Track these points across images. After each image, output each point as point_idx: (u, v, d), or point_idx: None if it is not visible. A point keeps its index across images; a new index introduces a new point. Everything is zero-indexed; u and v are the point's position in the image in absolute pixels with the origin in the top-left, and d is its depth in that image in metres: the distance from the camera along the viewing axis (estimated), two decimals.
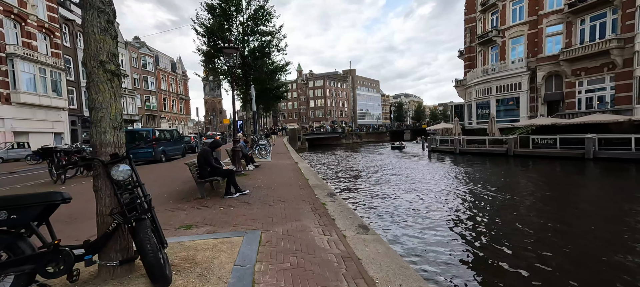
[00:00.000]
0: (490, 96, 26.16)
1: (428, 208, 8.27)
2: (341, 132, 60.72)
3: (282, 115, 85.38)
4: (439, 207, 8.35)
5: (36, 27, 22.28)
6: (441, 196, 9.78)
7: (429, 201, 9.08)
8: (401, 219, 7.15)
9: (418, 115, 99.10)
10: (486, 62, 27.56)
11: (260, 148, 12.66)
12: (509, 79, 24.63)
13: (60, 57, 24.57)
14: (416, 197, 9.61)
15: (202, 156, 5.12)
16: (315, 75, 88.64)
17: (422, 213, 7.74)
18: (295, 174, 8.40)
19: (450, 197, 9.59)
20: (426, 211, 8.01)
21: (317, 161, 25.53)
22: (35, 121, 21.74)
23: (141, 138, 12.43)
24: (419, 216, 7.47)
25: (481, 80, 26.95)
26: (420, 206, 8.47)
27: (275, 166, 10.52)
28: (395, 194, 10.09)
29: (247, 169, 9.04)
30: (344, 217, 4.00)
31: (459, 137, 25.06)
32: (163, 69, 44.43)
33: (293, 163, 11.48)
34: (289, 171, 9.02)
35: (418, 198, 9.52)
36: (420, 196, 9.79)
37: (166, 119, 44.65)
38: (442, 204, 8.73)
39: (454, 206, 8.55)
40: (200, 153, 5.18)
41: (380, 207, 8.23)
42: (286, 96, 25.22)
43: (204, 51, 11.37)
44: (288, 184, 6.70)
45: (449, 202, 9.02)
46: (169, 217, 4.06)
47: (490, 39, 26.06)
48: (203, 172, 5.09)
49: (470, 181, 12.76)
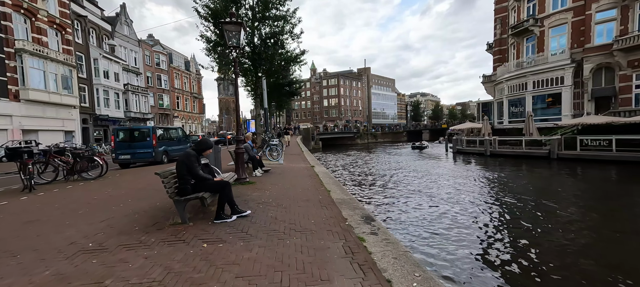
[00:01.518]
0: (525, 92, 23.56)
1: (492, 229, 6.40)
2: (356, 132, 58.71)
3: (295, 115, 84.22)
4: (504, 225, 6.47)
5: (47, 23, 21.81)
6: (487, 209, 7.85)
7: (489, 221, 7.18)
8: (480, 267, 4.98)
9: (436, 114, 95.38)
10: (520, 54, 24.92)
11: (271, 149, 11.12)
12: (548, 72, 21.99)
13: (71, 53, 24.12)
14: (466, 215, 7.73)
15: (183, 164, 3.55)
16: (329, 74, 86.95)
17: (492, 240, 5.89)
18: (312, 182, 6.75)
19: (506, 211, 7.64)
20: (493, 234, 6.15)
21: (333, 162, 23.85)
22: (45, 119, 21.25)
23: (141, 136, 11.17)
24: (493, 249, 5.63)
25: (514, 75, 24.37)
26: (485, 231, 6.61)
27: (288, 170, 8.91)
28: (443, 213, 8.20)
29: (255, 175, 7.48)
30: (406, 274, 2.30)
31: (490, 137, 22.66)
32: (177, 67, 44.06)
33: (308, 167, 9.84)
34: (304, 178, 7.38)
35: (467, 214, 7.64)
36: (472, 215, 7.90)
37: (179, 118, 44.26)
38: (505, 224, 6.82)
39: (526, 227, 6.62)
40: (180, 158, 3.62)
41: (440, 241, 5.61)
42: (300, 92, 23.59)
43: (209, 37, 9.95)
44: (304, 199, 5.05)
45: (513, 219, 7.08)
46: (107, 270, 2.46)
47: (526, 29, 23.45)
48: (184, 187, 3.52)
49: (524, 190, 10.69)
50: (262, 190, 5.78)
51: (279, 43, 10.91)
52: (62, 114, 22.82)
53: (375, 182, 12.96)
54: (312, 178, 7.39)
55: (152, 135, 11.08)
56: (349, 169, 19.05)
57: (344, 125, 64.73)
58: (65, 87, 23.00)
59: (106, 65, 28.28)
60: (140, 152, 11.00)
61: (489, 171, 15.88)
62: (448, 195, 9.88)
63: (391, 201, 9.08)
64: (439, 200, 9.14)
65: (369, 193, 10.64)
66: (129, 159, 10.97)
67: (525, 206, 8.33)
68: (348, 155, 31.04)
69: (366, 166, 20.97)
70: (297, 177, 7.48)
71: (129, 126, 11.67)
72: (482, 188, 11.20)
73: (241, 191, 5.60)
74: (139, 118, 33.12)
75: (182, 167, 3.56)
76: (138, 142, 11.05)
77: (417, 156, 27.77)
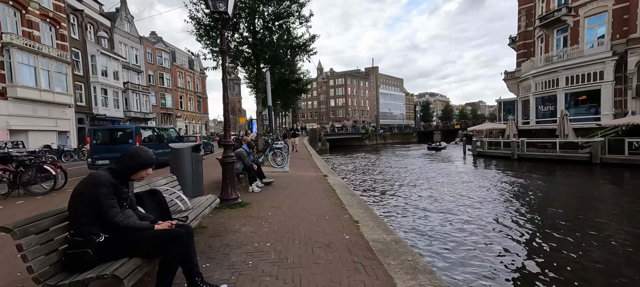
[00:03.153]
0: (556, 89, 21.27)
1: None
2: (364, 133, 56.65)
3: (301, 115, 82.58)
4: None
5: (39, 16, 20.50)
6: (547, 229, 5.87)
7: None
8: None
9: (446, 115, 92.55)
10: (550, 48, 22.64)
11: (274, 153, 9.32)
12: (584, 67, 19.69)
13: (66, 49, 22.80)
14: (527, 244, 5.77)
15: (83, 199, 1.75)
16: (336, 74, 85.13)
17: None
18: (329, 203, 4.91)
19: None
20: None
21: (344, 166, 21.96)
22: (36, 118, 19.91)
23: (123, 138, 9.49)
24: None
25: (543, 71, 22.11)
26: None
27: (295, 181, 7.08)
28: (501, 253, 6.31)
29: (251, 191, 5.67)
30: None
31: (517, 139, 20.48)
32: (180, 65, 42.78)
33: (320, 177, 7.99)
34: (317, 195, 5.54)
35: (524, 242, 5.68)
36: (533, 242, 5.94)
37: (182, 118, 42.98)
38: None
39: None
40: (78, 188, 1.80)
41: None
42: (308, 90, 21.76)
43: (199, 19, 8.21)
44: (323, 242, 3.19)
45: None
46: None
47: (558, 20, 21.19)
48: (80, 251, 1.70)
49: (571, 203, 8.64)
50: (256, 219, 3.95)
51: (284, 27, 9.09)
52: (55, 113, 21.48)
53: (396, 192, 11.03)
54: (327, 195, 5.54)
55: (136, 137, 9.39)
56: (362, 175, 17.13)
57: (352, 125, 62.74)
58: (59, 85, 21.67)
59: (105, 63, 26.97)
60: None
61: (522, 177, 13.78)
62: (491, 218, 7.90)
63: (427, 227, 7.15)
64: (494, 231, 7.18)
65: (394, 208, 8.72)
66: (108, 165, 9.27)
67: (581, 225, 6.33)
68: (358, 158, 29.08)
69: (380, 170, 19.01)
70: (307, 194, 5.64)
71: (109, 126, 10.01)
72: (527, 205, 9.18)
73: (225, 222, 3.78)
74: (140, 118, 31.80)
75: (81, 205, 1.75)
76: (119, 144, 9.37)
77: (433, 158, 25.66)
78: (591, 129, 18.17)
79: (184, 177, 4.10)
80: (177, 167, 4.14)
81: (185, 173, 4.13)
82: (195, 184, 4.25)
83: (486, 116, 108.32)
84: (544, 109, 22.62)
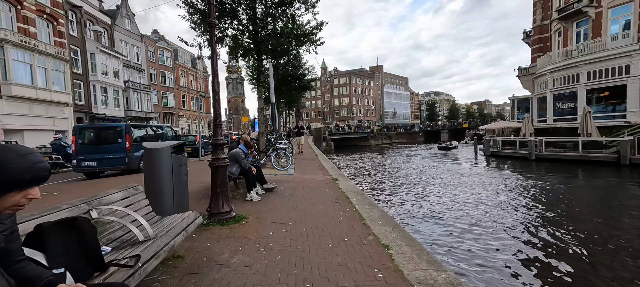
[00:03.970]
0: (577, 85, 20.03)
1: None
2: (370, 132, 55.56)
3: (305, 114, 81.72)
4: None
5: (35, 12, 19.86)
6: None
7: None
8: None
9: (453, 114, 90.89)
10: (568, 41, 21.41)
11: (278, 154, 8.40)
12: (607, 61, 18.44)
13: (64, 46, 22.17)
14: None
15: None
16: (340, 73, 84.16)
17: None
18: (345, 216, 3.95)
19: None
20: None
21: (351, 167, 20.98)
22: (32, 118, 19.26)
23: (111, 138, 8.63)
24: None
25: (562, 66, 20.88)
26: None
27: (302, 187, 6.14)
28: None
29: (249, 199, 4.73)
30: None
31: (535, 138, 19.30)
32: (182, 64, 42.13)
33: (329, 180, 7.04)
34: (328, 205, 4.58)
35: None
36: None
37: (185, 118, 42.36)
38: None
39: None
40: None
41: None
42: (313, 87, 20.78)
43: (193, 3, 7.30)
44: (350, 284, 2.23)
45: None
46: None
47: (578, 11, 19.96)
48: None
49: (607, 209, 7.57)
50: (253, 243, 3.01)
51: (289, 13, 8.14)
52: (53, 113, 20.83)
53: (413, 196, 10.02)
54: (341, 205, 4.58)
55: (126, 136, 8.53)
56: (371, 177, 16.14)
57: (357, 125, 61.68)
58: (57, 83, 21.02)
59: (105, 61, 26.32)
60: (109, 158, 8.47)
61: (547, 180, 12.66)
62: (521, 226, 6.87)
63: (464, 247, 6.14)
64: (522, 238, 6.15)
65: (419, 220, 7.72)
66: (94, 167, 8.45)
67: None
68: (364, 158, 28.07)
69: (389, 171, 17.99)
70: (317, 203, 4.68)
71: (96, 124, 9.17)
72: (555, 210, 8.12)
73: (211, 247, 2.85)
74: (141, 117, 31.15)
75: None
76: (107, 144, 8.52)
77: (444, 158, 24.54)
78: (617, 127, 16.94)
79: (161, 187, 3.17)
80: (152, 174, 3.22)
81: (162, 182, 3.19)
82: (177, 196, 3.31)
83: (493, 115, 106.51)
84: (563, 106, 21.38)
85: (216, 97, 3.51)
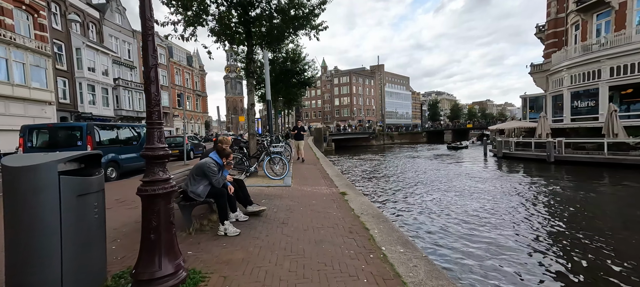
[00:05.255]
0: (598, 82, 18.52)
1: None
2: (371, 133, 54.07)
3: (305, 114, 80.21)
4: None
5: (12, 2, 18.33)
6: None
7: None
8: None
9: (455, 114, 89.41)
10: (587, 35, 19.92)
11: (271, 160, 6.90)
12: (634, 55, 16.94)
13: (47, 40, 20.64)
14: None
15: None
16: (340, 72, 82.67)
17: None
18: (369, 269, 2.45)
19: None
20: None
21: (356, 171, 19.46)
22: (8, 117, 17.72)
23: (68, 140, 7.11)
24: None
25: (581, 62, 19.37)
26: None
27: (300, 205, 4.63)
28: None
29: (223, 233, 3.22)
30: None
31: (553, 139, 17.82)
32: (177, 62, 40.58)
33: (335, 194, 5.53)
34: (338, 241, 3.10)
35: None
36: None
37: (180, 118, 40.79)
38: None
39: None
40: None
41: None
42: (313, 82, 19.24)
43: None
44: None
45: None
46: None
47: (599, 2, 18.48)
48: None
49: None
50: None
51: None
52: (33, 111, 19.30)
53: (431, 210, 8.53)
54: (359, 243, 3.09)
55: (87, 138, 7.01)
56: (377, 182, 14.62)
57: (358, 125, 60.17)
58: (37, 80, 19.49)
59: (92, 57, 24.78)
60: None
61: (570, 188, 11.16)
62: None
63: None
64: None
65: (450, 247, 6.23)
66: None
67: None
68: (367, 160, 26.56)
69: (397, 175, 16.48)
70: (323, 241, 3.17)
71: (50, 124, 7.64)
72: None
73: None
74: (133, 116, 29.63)
75: None
76: (63, 148, 6.99)
77: (452, 160, 23.05)
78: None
79: (34, 242, 1.66)
80: (17, 216, 1.71)
81: (37, 232, 1.68)
82: (73, 256, 1.80)
83: (495, 115, 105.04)
84: (582, 104, 19.87)
85: (148, 76, 2.01)
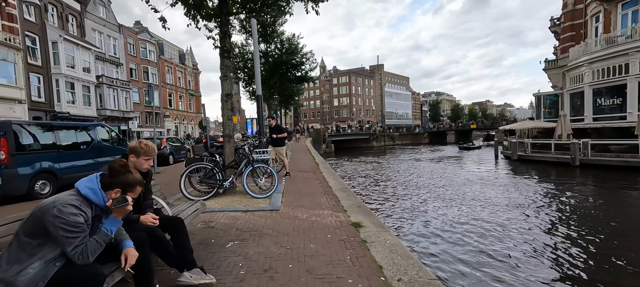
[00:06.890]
0: (626, 77, 16.80)
1: None
2: (372, 134, 52.31)
3: (303, 115, 78.36)
4: None
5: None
6: None
7: None
8: None
9: (456, 115, 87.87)
10: (611, 27, 18.20)
11: (254, 172, 5.03)
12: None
13: (17, 32, 18.70)
14: None
15: None
16: (339, 72, 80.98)
17: None
18: None
19: None
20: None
21: (358, 177, 17.58)
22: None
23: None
24: None
25: (604, 55, 17.65)
26: None
27: (290, 252, 2.83)
28: None
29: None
30: None
31: (578, 140, 16.07)
32: (169, 59, 38.63)
33: (344, 224, 3.64)
34: None
35: None
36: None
37: (171, 118, 38.84)
38: None
39: None
40: None
41: None
42: (312, 78, 17.36)
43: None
44: None
45: None
46: None
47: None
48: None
49: None
50: None
51: None
52: (1, 110, 17.34)
53: (459, 232, 6.68)
54: None
55: (2, 142, 5.12)
56: (384, 189, 12.75)
57: (358, 126, 58.36)
58: (4, 75, 17.57)
59: (71, 52, 22.83)
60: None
61: (610, 200, 9.37)
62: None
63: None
64: None
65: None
66: None
67: None
68: (368, 162, 24.70)
69: (404, 180, 14.62)
70: None
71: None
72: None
73: None
74: (118, 117, 27.70)
75: None
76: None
77: (462, 162, 21.25)
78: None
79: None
80: None
81: None
82: None
83: (495, 115, 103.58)
84: (606, 102, 18.13)
85: None
